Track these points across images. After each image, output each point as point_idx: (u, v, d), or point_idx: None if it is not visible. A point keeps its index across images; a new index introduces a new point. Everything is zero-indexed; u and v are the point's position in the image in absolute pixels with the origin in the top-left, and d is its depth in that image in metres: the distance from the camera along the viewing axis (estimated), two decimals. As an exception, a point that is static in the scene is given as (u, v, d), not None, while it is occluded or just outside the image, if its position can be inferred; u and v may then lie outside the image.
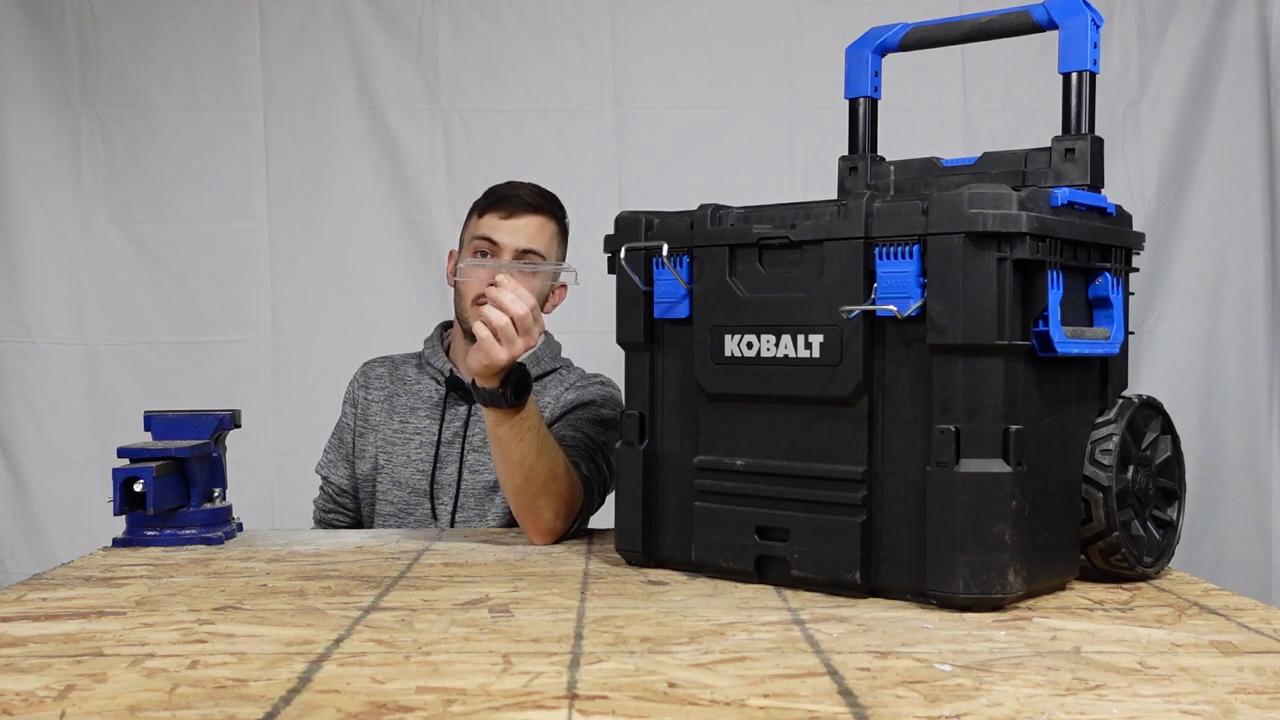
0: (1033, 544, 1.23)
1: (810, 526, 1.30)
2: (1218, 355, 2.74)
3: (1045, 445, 1.26)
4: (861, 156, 1.56)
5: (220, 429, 1.72)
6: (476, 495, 1.99)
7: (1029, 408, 1.23)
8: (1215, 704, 0.89)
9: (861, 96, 1.57)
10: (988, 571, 1.20)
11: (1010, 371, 1.22)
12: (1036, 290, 1.23)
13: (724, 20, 2.74)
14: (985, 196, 1.21)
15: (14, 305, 2.67)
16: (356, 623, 1.16)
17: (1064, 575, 1.31)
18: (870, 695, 0.91)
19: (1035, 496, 1.24)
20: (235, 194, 2.70)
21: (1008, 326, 1.21)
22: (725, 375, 1.38)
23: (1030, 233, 1.21)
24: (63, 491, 2.66)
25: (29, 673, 0.98)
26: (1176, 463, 1.40)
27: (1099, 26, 1.36)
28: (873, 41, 1.55)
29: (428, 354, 2.10)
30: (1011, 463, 1.20)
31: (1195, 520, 2.76)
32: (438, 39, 2.71)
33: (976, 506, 1.20)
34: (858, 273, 1.27)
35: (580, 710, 0.87)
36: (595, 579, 1.38)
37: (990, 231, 1.20)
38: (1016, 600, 1.23)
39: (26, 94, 2.65)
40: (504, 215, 1.99)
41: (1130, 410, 1.33)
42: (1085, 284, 1.33)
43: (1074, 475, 1.29)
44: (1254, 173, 2.72)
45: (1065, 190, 1.27)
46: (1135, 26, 2.73)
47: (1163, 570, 1.39)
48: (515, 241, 1.96)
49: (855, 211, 1.28)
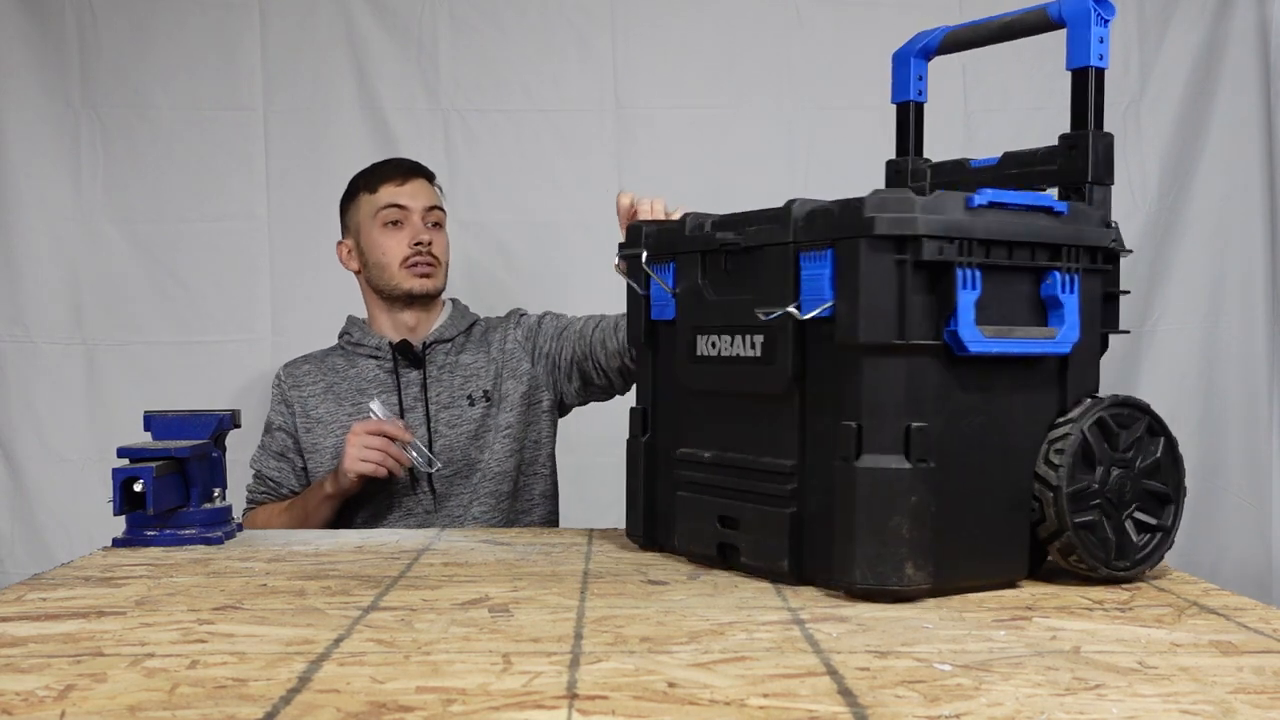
0: (944, 539, 1.25)
1: (754, 517, 1.37)
2: (1218, 355, 2.74)
3: (974, 444, 1.28)
4: (907, 159, 1.62)
5: (220, 429, 1.72)
6: (461, 448, 2.06)
7: (945, 406, 1.26)
8: (1215, 704, 0.89)
9: (908, 101, 1.63)
10: (884, 563, 1.24)
11: (915, 370, 1.25)
12: (947, 291, 1.26)
13: (724, 20, 2.74)
14: (886, 201, 1.25)
15: (14, 305, 2.67)
16: (356, 622, 1.16)
17: (1003, 572, 1.32)
18: (870, 695, 0.91)
19: (953, 493, 1.26)
20: (235, 194, 2.70)
21: (910, 326, 1.24)
22: (698, 373, 1.47)
23: (929, 235, 1.23)
24: (62, 491, 2.66)
25: (29, 673, 0.98)
26: (1173, 466, 1.38)
27: (1107, 22, 1.36)
28: (916, 46, 1.60)
29: (357, 336, 2.18)
30: (913, 459, 1.24)
31: (1195, 520, 2.76)
32: (438, 39, 2.71)
33: (873, 500, 1.24)
34: (788, 276, 1.32)
35: (580, 710, 0.87)
36: (595, 579, 1.38)
37: (888, 234, 1.24)
38: (922, 593, 1.25)
39: (26, 94, 2.65)
40: (399, 182, 2.15)
41: (1098, 410, 1.32)
42: (1036, 283, 1.32)
43: (1020, 474, 1.31)
44: (1254, 172, 2.72)
45: (990, 191, 1.29)
46: (1135, 26, 2.73)
47: (1144, 574, 1.36)
48: (420, 202, 2.15)
49: (786, 218, 1.33)
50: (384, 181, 2.17)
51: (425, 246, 2.15)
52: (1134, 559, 1.34)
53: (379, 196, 2.15)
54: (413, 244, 2.14)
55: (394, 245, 2.14)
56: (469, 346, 2.18)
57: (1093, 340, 1.37)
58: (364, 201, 2.18)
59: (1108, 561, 1.32)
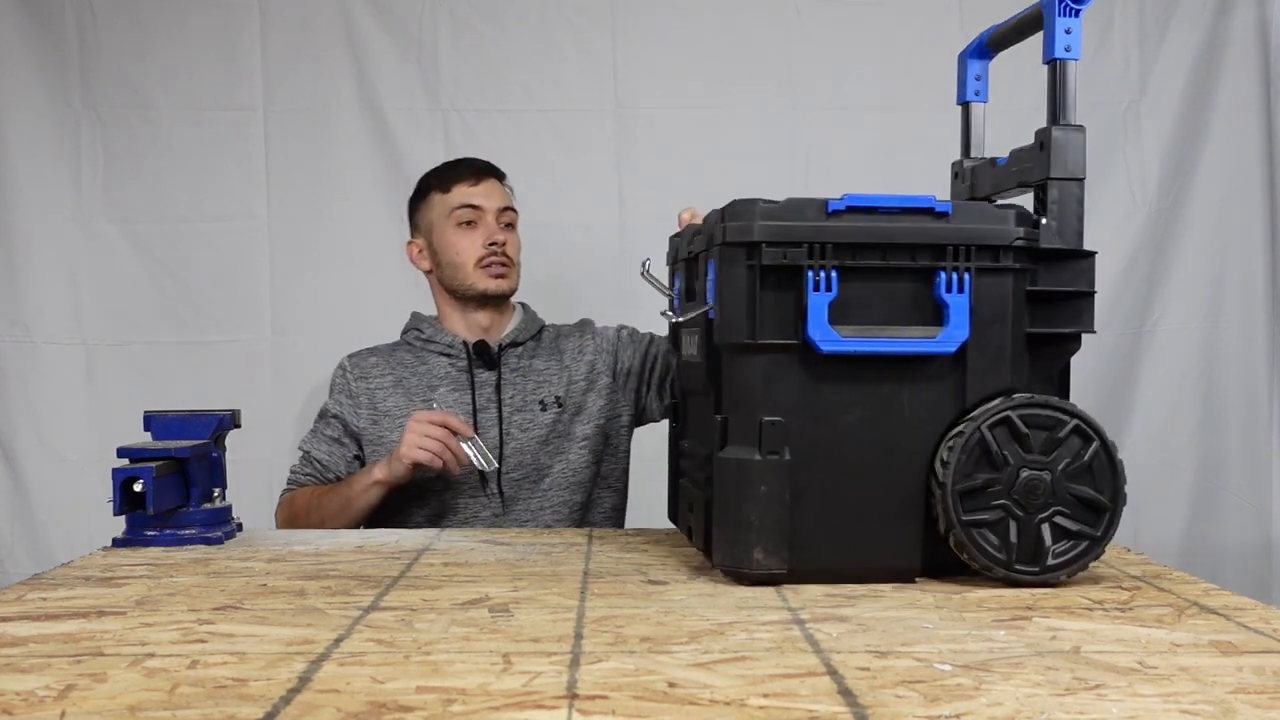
0: (808, 529, 1.32)
1: (697, 502, 1.47)
2: (1218, 355, 2.74)
3: (851, 439, 1.33)
4: (966, 159, 1.65)
5: (220, 429, 1.72)
6: (531, 452, 2.05)
7: (810, 403, 1.32)
8: (1215, 704, 0.89)
9: (967, 101, 1.66)
10: (738, 548, 1.32)
11: (772, 368, 1.32)
12: (801, 293, 1.31)
13: (724, 20, 2.74)
14: (738, 210, 1.32)
15: (14, 305, 2.67)
16: (356, 622, 1.16)
17: (889, 565, 1.34)
18: (870, 695, 0.91)
19: (820, 486, 1.32)
20: (235, 194, 2.70)
21: (762, 328, 1.31)
22: (682, 370, 1.62)
23: (768, 241, 1.30)
24: (62, 491, 2.66)
25: (29, 673, 0.98)
26: (1109, 473, 1.32)
27: (1076, 12, 1.34)
28: (972, 45, 1.62)
29: (429, 333, 2.15)
30: (763, 451, 1.30)
31: (1195, 520, 2.77)
32: (438, 39, 2.71)
33: (729, 489, 1.33)
34: (707, 281, 1.40)
35: (580, 710, 0.87)
36: (595, 579, 1.38)
37: (735, 242, 1.32)
38: (773, 578, 1.32)
39: (26, 94, 2.65)
40: (473, 182, 2.13)
41: (1005, 409, 1.31)
42: (928, 283, 1.33)
43: (910, 470, 1.34)
44: (1254, 173, 2.72)
45: (853, 195, 1.32)
46: (1135, 26, 2.73)
47: (1060, 580, 1.32)
48: (494, 202, 2.13)
49: (708, 226, 1.40)
50: (458, 181, 2.16)
51: (500, 247, 2.13)
52: (1045, 564, 1.31)
53: (452, 196, 2.14)
54: (487, 244, 2.13)
55: (468, 245, 2.13)
56: (540, 352, 2.17)
57: (999, 340, 1.34)
58: (437, 201, 2.16)
59: (1008, 564, 1.31)
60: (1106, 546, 1.33)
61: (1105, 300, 2.65)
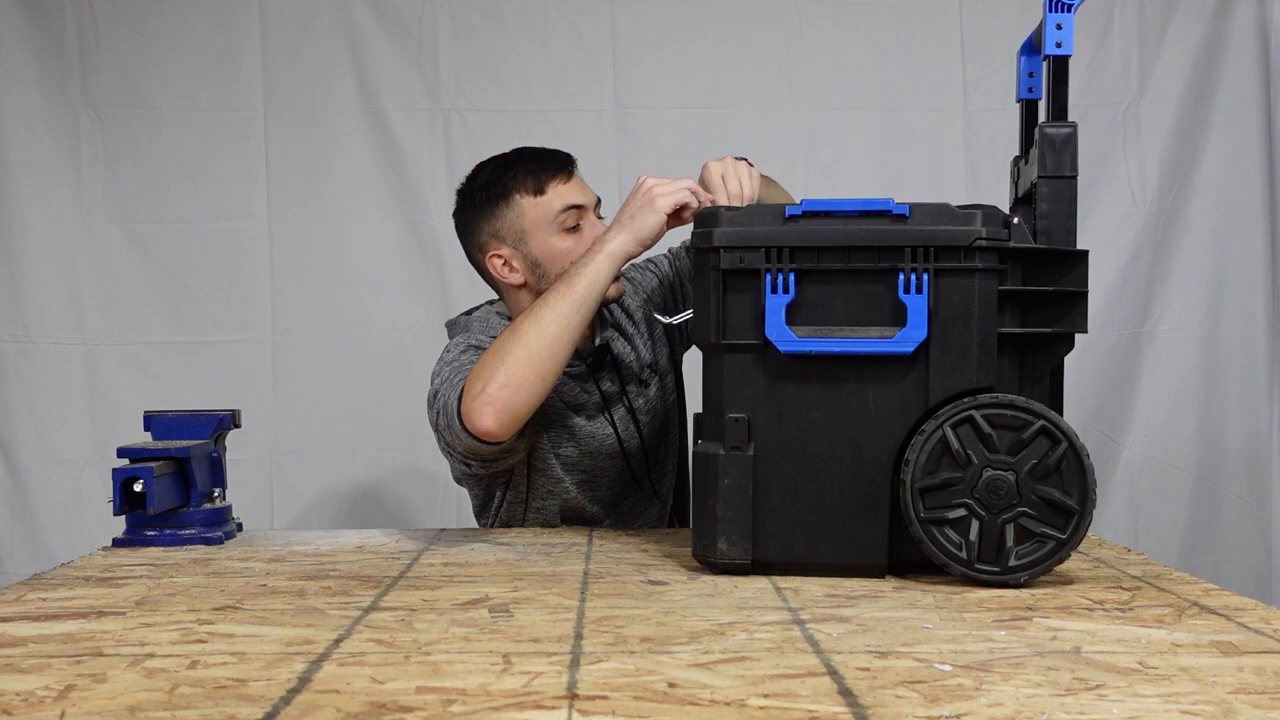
0: (772, 521, 1.37)
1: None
2: (1218, 355, 2.74)
3: (818, 435, 1.36)
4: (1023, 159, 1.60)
5: (220, 429, 1.72)
6: (658, 431, 1.98)
7: (776, 400, 1.37)
8: (1215, 704, 0.89)
9: (1023, 99, 1.64)
10: (705, 537, 1.39)
11: (736, 367, 1.37)
12: (760, 295, 1.35)
13: (724, 20, 2.74)
14: (704, 217, 1.39)
15: (14, 305, 2.67)
16: (356, 623, 1.16)
17: (853, 558, 1.37)
18: (870, 695, 0.91)
19: (784, 480, 1.37)
20: (235, 194, 2.70)
21: (727, 328, 1.37)
22: None
23: (726, 246, 1.36)
24: (62, 491, 2.66)
25: (29, 673, 0.98)
26: (1077, 476, 1.30)
27: (1069, 9, 1.34)
28: (1027, 41, 1.61)
29: None
30: (726, 446, 1.36)
31: (1195, 520, 2.77)
32: (438, 39, 2.71)
33: (698, 482, 1.41)
34: None
35: (580, 710, 0.87)
36: (595, 579, 1.38)
37: (701, 247, 1.38)
38: (737, 568, 1.38)
39: (26, 94, 2.65)
40: (565, 180, 1.91)
41: (969, 409, 1.31)
42: (892, 285, 1.33)
43: (874, 466, 1.36)
44: (1254, 173, 2.72)
45: (812, 200, 1.36)
46: (1135, 26, 2.73)
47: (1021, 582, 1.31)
48: (589, 197, 1.91)
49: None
50: (550, 181, 1.89)
51: None
52: (1007, 565, 1.31)
53: (550, 199, 1.88)
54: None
55: (581, 250, 1.81)
56: (619, 328, 2.01)
57: (962, 339, 1.33)
58: (528, 206, 1.87)
59: (968, 562, 1.32)
60: (1074, 550, 1.32)
61: (1105, 300, 2.66)
